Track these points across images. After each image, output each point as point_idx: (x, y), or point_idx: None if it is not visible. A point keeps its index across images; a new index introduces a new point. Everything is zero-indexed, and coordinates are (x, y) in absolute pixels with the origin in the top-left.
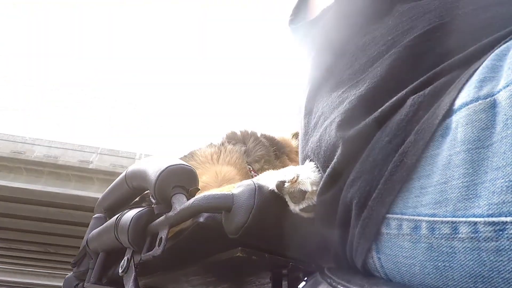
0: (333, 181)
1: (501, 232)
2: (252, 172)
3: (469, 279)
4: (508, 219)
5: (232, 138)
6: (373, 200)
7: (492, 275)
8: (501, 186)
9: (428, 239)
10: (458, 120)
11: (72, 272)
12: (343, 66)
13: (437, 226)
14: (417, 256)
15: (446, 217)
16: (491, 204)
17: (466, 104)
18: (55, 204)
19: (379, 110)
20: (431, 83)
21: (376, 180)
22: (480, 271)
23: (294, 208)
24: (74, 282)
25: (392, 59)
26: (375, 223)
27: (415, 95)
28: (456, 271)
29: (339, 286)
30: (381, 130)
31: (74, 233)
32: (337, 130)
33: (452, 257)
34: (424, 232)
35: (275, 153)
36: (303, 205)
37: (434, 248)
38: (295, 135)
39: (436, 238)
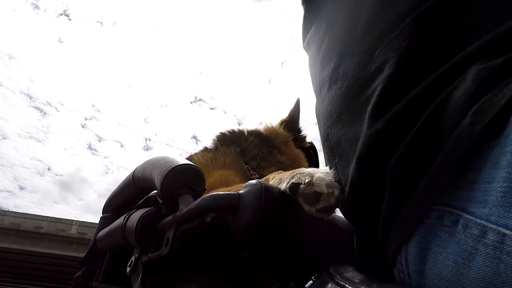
0: (368, 162)
1: None
2: (251, 171)
3: (481, 283)
4: None
5: (223, 140)
6: (421, 187)
7: (503, 287)
8: None
9: (460, 234)
10: None
11: (80, 272)
12: (367, 27)
13: (470, 225)
14: (447, 248)
15: (480, 219)
16: None
17: None
18: (17, 253)
19: (429, 79)
20: (503, 52)
21: (424, 167)
22: (493, 280)
23: (310, 209)
24: (82, 281)
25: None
26: (419, 212)
27: (481, 66)
28: (472, 272)
29: (346, 285)
30: (432, 108)
31: (28, 266)
32: (375, 104)
33: (473, 257)
34: (459, 227)
35: (268, 150)
36: (319, 206)
37: (461, 244)
38: (283, 123)
39: (466, 236)
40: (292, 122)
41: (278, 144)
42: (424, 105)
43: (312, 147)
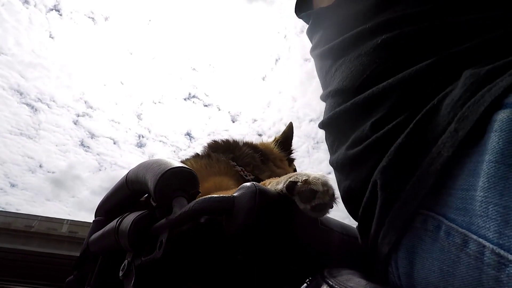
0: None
1: (503, 267)
2: (245, 172)
3: None
4: None
5: (215, 148)
6: (406, 191)
7: None
8: None
9: (443, 241)
10: (500, 120)
11: (72, 276)
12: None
13: (453, 233)
14: (432, 253)
15: (462, 228)
16: (503, 234)
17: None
18: (8, 252)
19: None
20: (493, 58)
21: (410, 171)
22: None
23: (305, 206)
24: (75, 285)
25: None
26: (404, 216)
27: (469, 72)
28: (457, 280)
29: (338, 287)
30: (423, 114)
31: (20, 265)
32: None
33: (456, 265)
34: (442, 234)
35: (261, 158)
36: (314, 203)
37: (445, 252)
38: (277, 142)
39: (449, 244)
40: (285, 142)
41: (273, 159)
42: (412, 110)
43: (295, 171)
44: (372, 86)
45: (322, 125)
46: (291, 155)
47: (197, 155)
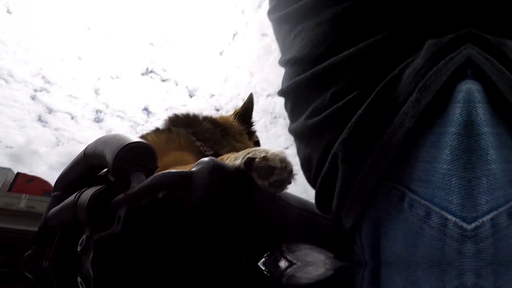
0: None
1: (466, 239)
2: (205, 147)
3: (428, 263)
4: (480, 231)
5: (176, 122)
6: (368, 164)
7: (448, 268)
8: (486, 198)
9: (406, 212)
10: (463, 90)
11: (31, 251)
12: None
13: (415, 205)
14: (397, 224)
15: (424, 199)
16: (466, 207)
17: None
18: None
19: (367, 42)
20: (456, 27)
21: (372, 143)
22: (438, 260)
23: (263, 182)
24: (33, 260)
25: None
26: (367, 188)
27: (432, 41)
28: (420, 251)
29: (298, 263)
30: (383, 86)
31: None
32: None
33: (419, 237)
34: (405, 205)
35: (221, 133)
36: (272, 179)
37: (408, 223)
38: (236, 115)
39: (412, 215)
40: (245, 115)
41: (233, 134)
42: (373, 80)
43: (258, 142)
44: (332, 56)
45: (281, 93)
46: (252, 127)
47: (157, 129)
